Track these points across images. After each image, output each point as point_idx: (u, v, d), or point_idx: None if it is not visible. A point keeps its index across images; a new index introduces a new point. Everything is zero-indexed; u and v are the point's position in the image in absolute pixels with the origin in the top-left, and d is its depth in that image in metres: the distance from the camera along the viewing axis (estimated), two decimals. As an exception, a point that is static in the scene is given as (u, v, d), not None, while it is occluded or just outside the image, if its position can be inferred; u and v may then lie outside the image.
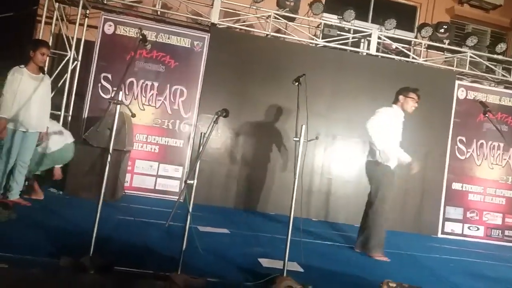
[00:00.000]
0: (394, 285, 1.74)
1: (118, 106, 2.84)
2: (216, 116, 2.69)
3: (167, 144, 6.19)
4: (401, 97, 4.64)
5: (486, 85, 7.54)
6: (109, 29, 6.19)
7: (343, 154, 6.65)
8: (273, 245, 4.18)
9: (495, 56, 7.59)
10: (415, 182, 6.66)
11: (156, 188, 6.14)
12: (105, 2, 6.68)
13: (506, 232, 6.93)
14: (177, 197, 5.79)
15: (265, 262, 3.49)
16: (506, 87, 7.70)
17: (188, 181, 2.52)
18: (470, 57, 7.36)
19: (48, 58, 4.74)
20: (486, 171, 6.98)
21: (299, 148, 3.01)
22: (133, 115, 2.94)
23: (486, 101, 6.85)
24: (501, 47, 7.43)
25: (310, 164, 6.54)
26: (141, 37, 3.10)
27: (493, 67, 7.65)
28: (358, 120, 6.70)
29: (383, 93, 6.73)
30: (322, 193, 6.57)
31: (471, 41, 7.29)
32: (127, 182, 6.01)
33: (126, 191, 5.87)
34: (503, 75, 7.53)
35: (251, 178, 6.37)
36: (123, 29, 6.22)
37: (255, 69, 6.48)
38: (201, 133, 2.75)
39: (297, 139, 3.03)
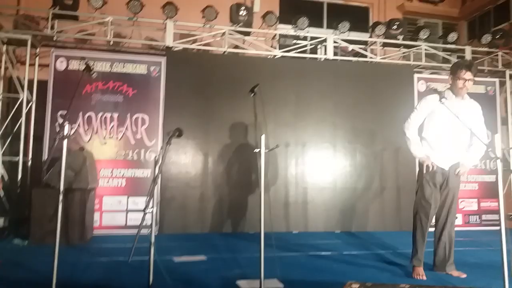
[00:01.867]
0: (357, 285, 1.65)
1: (65, 141, 2.67)
2: (169, 137, 2.56)
3: (134, 176, 5.97)
4: (450, 78, 3.79)
5: (444, 75, 7.69)
6: (61, 65, 6.00)
7: (315, 161, 6.60)
8: (253, 265, 4.03)
9: (448, 46, 7.77)
10: (390, 179, 6.68)
11: (128, 224, 5.87)
12: (55, 39, 6.51)
13: (483, 217, 7.00)
14: (148, 230, 5.63)
15: (244, 283, 3.35)
16: (464, 75, 7.86)
17: (147, 211, 2.37)
18: (425, 49, 7.51)
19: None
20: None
21: (261, 159, 2.90)
22: (81, 149, 2.77)
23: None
24: (453, 36, 7.63)
25: (283, 175, 6.46)
26: (85, 66, 2.96)
27: (448, 57, 7.83)
28: (325, 125, 6.74)
29: (346, 95, 6.81)
30: (299, 204, 6.47)
31: (424, 33, 7.46)
32: (96, 221, 5.75)
33: (96, 231, 5.62)
34: (459, 64, 7.69)
35: (226, 199, 6.21)
36: (77, 63, 6.03)
37: (217, 87, 6.39)
38: (154, 157, 2.59)
39: (258, 150, 2.92)
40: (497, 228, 2.76)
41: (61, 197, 2.67)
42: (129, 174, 5.97)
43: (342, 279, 3.44)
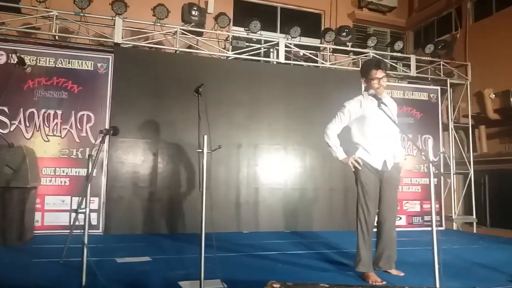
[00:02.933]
0: (278, 285, 1.67)
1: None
2: (102, 135, 2.47)
3: (78, 175, 5.77)
4: (363, 81, 3.77)
5: (391, 82, 8.03)
6: (0, 58, 5.70)
7: (266, 162, 6.67)
8: (197, 266, 3.99)
9: (395, 54, 8.12)
10: (338, 180, 6.86)
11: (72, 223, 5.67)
12: (-5, 31, 6.17)
13: (425, 218, 7.34)
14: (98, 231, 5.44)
15: (186, 284, 3.30)
16: (409, 82, 8.26)
17: (79, 210, 2.28)
18: (373, 56, 7.79)
19: None
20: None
21: (203, 159, 2.88)
22: (11, 145, 2.63)
23: (392, 96, 7.29)
24: (399, 45, 7.98)
25: (235, 175, 6.48)
26: (17, 60, 2.82)
27: (394, 64, 8.18)
28: (277, 127, 6.83)
29: (298, 99, 6.94)
30: (250, 204, 6.51)
31: (372, 41, 7.75)
32: (37, 221, 5.50)
33: (37, 231, 5.37)
34: (404, 71, 8.06)
35: (176, 199, 6.14)
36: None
37: (167, 86, 6.30)
38: (88, 156, 2.50)
39: (200, 150, 2.90)
40: (439, 228, 2.89)
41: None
42: (73, 173, 5.77)
43: (285, 279, 3.48)
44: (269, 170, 6.67)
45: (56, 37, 6.37)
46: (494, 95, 7.74)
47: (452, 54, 8.63)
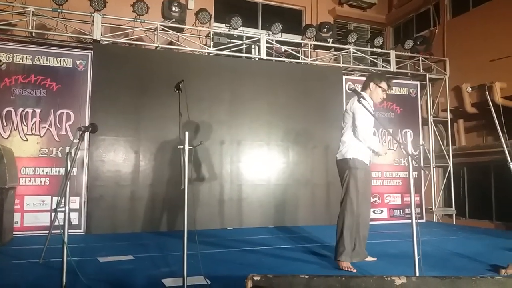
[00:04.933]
0: (259, 278, 1.69)
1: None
2: (80, 132, 2.44)
3: (58, 174, 5.67)
4: (372, 85, 3.92)
5: (372, 77, 8.10)
6: (-26, 56, 5.56)
7: (249, 158, 6.68)
8: (181, 263, 3.99)
9: (375, 50, 8.21)
10: (320, 176, 6.93)
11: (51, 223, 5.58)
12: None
13: (407, 211, 7.48)
14: (78, 231, 5.38)
15: (169, 282, 3.28)
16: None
17: (58, 209, 2.25)
18: (353, 52, 7.87)
19: None
20: (380, 157, 7.43)
21: (185, 156, 2.87)
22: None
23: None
24: (378, 41, 8.07)
25: (218, 173, 6.47)
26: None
27: (374, 60, 8.28)
28: (260, 123, 6.84)
29: (280, 95, 6.96)
30: (234, 201, 6.52)
31: (352, 37, 7.82)
32: (17, 222, 5.40)
33: (16, 232, 5.27)
34: (384, 67, 8.17)
35: (158, 197, 6.10)
36: (-8, 55, 5.62)
37: (148, 83, 6.24)
38: (67, 153, 2.46)
39: (182, 147, 2.89)
40: (420, 221, 2.95)
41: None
42: (53, 172, 5.68)
43: (268, 273, 3.51)
44: (252, 166, 6.68)
45: (33, 34, 6.24)
46: (470, 89, 7.92)
47: (430, 49, 8.78)
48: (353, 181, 3.77)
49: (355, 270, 3.60)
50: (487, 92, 5.65)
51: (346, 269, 3.62)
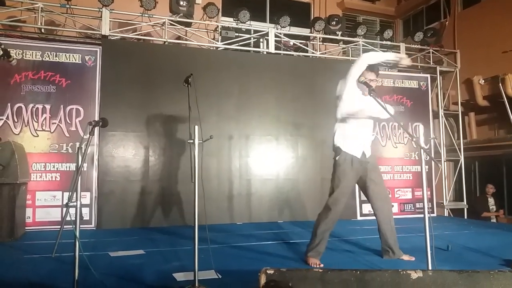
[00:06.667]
0: (272, 271, 1.68)
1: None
2: (91, 127, 2.43)
3: (69, 170, 5.70)
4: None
5: (381, 70, 8.02)
6: (-16, 52, 5.58)
7: (258, 153, 6.66)
8: (192, 258, 3.99)
9: (384, 42, 8.12)
10: (330, 170, 6.86)
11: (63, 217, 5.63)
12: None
13: (417, 205, 7.41)
14: (90, 226, 5.41)
15: (180, 276, 3.29)
16: (399, 70, 8.26)
17: (70, 204, 2.26)
18: (363, 45, 7.79)
19: None
20: (391, 151, 7.41)
21: (195, 150, 2.86)
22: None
23: (383, 85, 7.33)
24: (388, 33, 7.97)
25: (227, 168, 6.46)
26: (1, 52, 2.76)
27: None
28: (268, 118, 6.81)
29: (288, 89, 6.92)
30: (243, 196, 6.51)
31: (361, 30, 7.74)
32: (29, 217, 5.44)
33: (29, 227, 5.32)
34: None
35: (168, 192, 6.10)
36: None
37: (157, 78, 6.23)
38: (78, 148, 2.45)
39: (191, 141, 2.88)
40: (431, 215, 2.92)
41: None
42: (63, 168, 5.70)
43: (280, 267, 3.50)
44: (261, 161, 6.66)
45: (42, 30, 6.27)
46: (483, 81, 7.79)
47: (441, 41, 8.66)
48: (334, 172, 3.80)
49: (321, 265, 3.61)
50: (500, 84, 5.56)
51: (313, 264, 3.63)
